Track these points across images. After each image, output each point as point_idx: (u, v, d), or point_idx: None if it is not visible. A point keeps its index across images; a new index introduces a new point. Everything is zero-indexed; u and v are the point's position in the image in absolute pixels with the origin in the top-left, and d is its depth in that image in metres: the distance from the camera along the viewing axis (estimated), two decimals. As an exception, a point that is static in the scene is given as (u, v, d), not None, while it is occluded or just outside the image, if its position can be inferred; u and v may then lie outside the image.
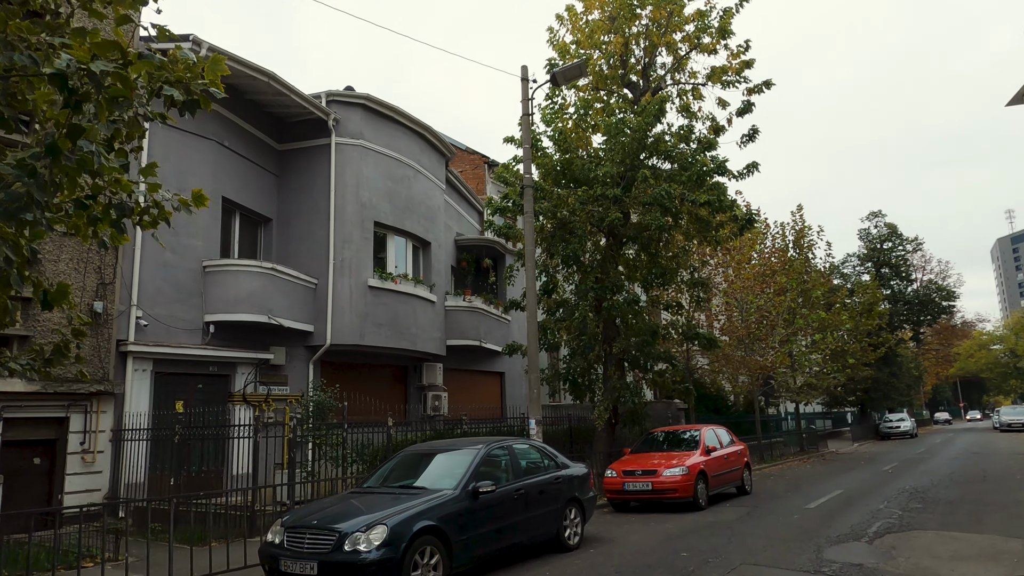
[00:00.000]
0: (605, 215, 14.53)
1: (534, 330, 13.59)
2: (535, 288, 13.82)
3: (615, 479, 13.20)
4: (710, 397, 28.06)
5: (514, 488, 8.22)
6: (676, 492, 12.59)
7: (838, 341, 28.67)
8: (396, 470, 8.50)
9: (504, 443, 8.73)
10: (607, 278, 15.27)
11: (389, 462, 8.80)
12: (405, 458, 8.71)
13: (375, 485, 8.18)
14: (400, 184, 18.79)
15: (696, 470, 12.96)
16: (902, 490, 15.13)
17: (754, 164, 16.50)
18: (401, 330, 18.05)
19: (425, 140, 20.16)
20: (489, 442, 8.54)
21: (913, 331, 55.02)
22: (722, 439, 15.09)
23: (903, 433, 44.78)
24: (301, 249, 17.24)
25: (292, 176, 17.70)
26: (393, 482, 8.16)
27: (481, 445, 8.36)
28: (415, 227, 19.28)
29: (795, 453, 30.34)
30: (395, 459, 8.79)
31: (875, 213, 50.56)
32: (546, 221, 16.06)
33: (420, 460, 8.57)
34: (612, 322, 15.75)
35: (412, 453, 8.81)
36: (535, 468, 9.01)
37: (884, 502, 13.19)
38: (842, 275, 47.27)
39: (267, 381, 15.91)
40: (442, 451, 8.53)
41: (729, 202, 14.82)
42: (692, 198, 14.31)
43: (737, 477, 15.03)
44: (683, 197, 14.48)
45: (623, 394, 14.91)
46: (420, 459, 8.58)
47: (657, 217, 14.23)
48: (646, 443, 14.84)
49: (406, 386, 19.94)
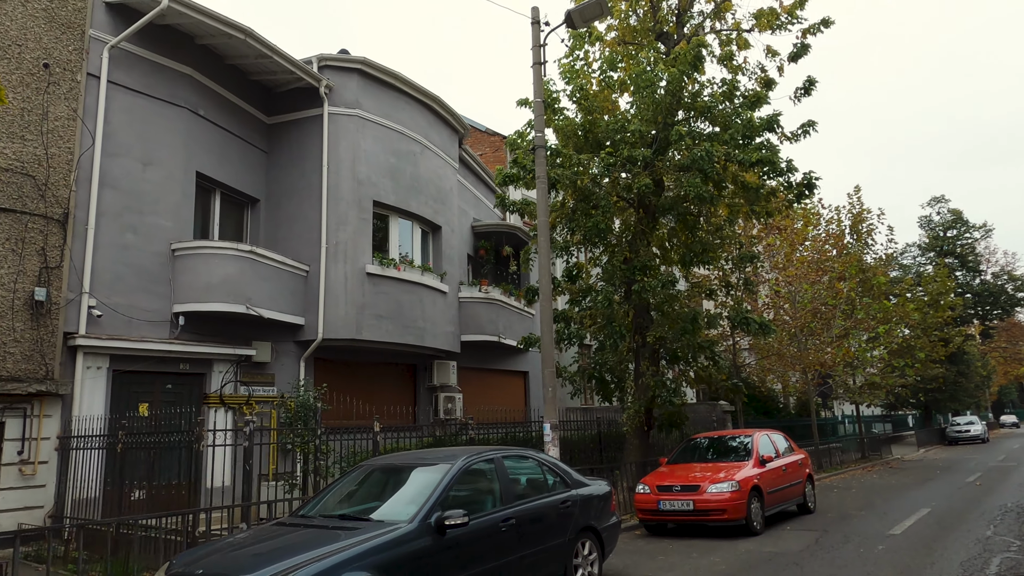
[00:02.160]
0: (633, 182, 12.21)
1: (548, 316, 11.35)
2: (549, 266, 11.59)
3: (648, 496, 10.85)
4: (759, 398, 25.31)
5: (501, 517, 5.99)
6: (724, 513, 10.18)
7: (903, 336, 25.60)
8: (345, 492, 6.35)
9: (493, 455, 6.49)
10: (637, 257, 12.93)
11: (338, 481, 6.64)
12: (360, 476, 6.54)
13: (311, 512, 6.04)
14: (404, 160, 16.75)
15: (749, 485, 10.52)
16: (1006, 509, 12.39)
17: (810, 123, 13.94)
18: (406, 323, 15.98)
19: (434, 113, 18.11)
20: (470, 455, 6.32)
21: (983, 326, 50.81)
22: (779, 447, 12.59)
23: (973, 437, 41.02)
24: (292, 233, 15.32)
25: (283, 152, 15.81)
26: (337, 508, 6.02)
27: (460, 458, 6.14)
28: (422, 209, 17.21)
29: (856, 460, 27.34)
30: (347, 477, 6.63)
31: (937, 199, 46.68)
32: (566, 194, 13.79)
33: (377, 479, 6.42)
34: (645, 309, 13.38)
35: (370, 469, 6.62)
36: (537, 489, 6.79)
37: (990, 526, 10.54)
38: (902, 266, 43.64)
39: (250, 381, 13.99)
40: (406, 467, 6.35)
41: (784, 163, 12.33)
42: (740, 158, 11.86)
43: (798, 492, 12.50)
44: (727, 158, 12.06)
45: (659, 393, 12.53)
46: (377, 477, 6.44)
47: (697, 184, 11.84)
48: (686, 452, 12.44)
49: (415, 386, 17.89)
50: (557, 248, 13.75)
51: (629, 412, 13.07)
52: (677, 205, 12.67)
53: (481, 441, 13.05)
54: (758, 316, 13.03)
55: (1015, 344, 62.21)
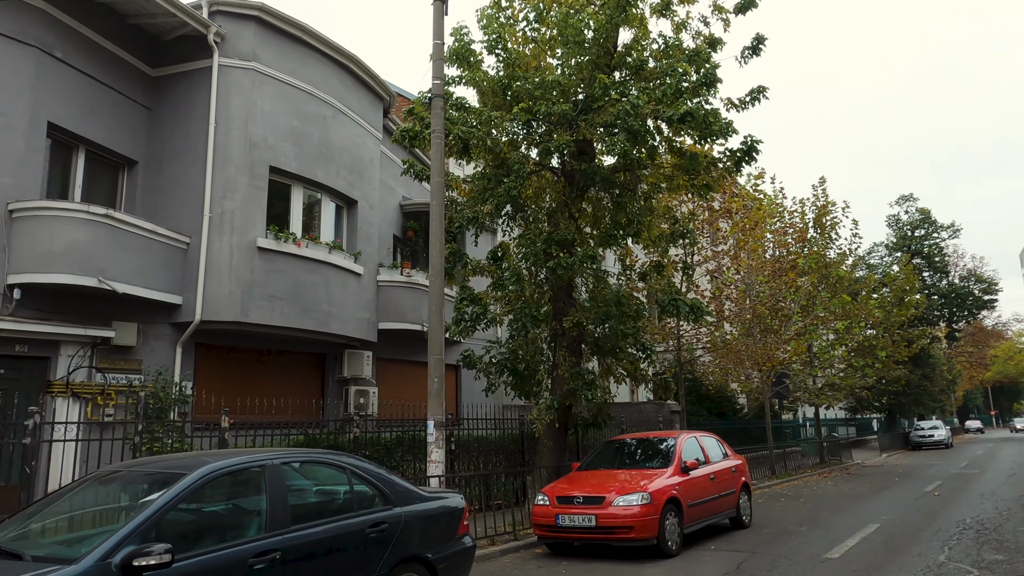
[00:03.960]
0: (551, 143, 10.52)
1: (439, 294, 9.65)
2: (441, 234, 9.88)
3: (546, 509, 9.16)
4: (713, 398, 23.81)
5: (254, 551, 4.21)
6: (631, 531, 8.52)
7: (864, 334, 24.24)
8: (50, 513, 4.54)
9: (265, 462, 4.68)
10: (556, 231, 11.27)
11: (59, 494, 4.81)
12: (79, 489, 4.72)
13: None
14: (312, 124, 14.89)
15: (664, 498, 8.88)
16: (964, 526, 10.90)
17: (760, 89, 12.35)
18: (306, 307, 14.14)
19: (352, 75, 16.26)
20: (223, 461, 4.52)
21: (949, 328, 49.99)
22: (710, 452, 10.98)
23: (937, 443, 40.08)
24: (174, 200, 13.39)
25: (167, 109, 13.87)
26: (21, 537, 4.20)
27: (199, 468, 4.32)
28: (334, 180, 15.36)
29: (814, 465, 25.99)
30: (69, 489, 4.80)
31: (906, 197, 45.70)
32: (484, 159, 12.08)
33: (96, 494, 4.63)
34: (565, 291, 11.71)
35: (96, 480, 4.79)
36: (335, 507, 5.04)
37: (945, 548, 9.00)
38: (869, 266, 42.55)
39: (110, 367, 12.04)
40: (132, 478, 4.57)
41: (722, 123, 10.71)
42: (668, 115, 10.22)
43: (730, 505, 10.90)
44: (656, 116, 10.42)
45: (576, 387, 10.85)
46: (97, 493, 4.64)
47: (622, 142, 10.19)
48: (602, 456, 10.79)
49: (324, 379, 16.02)
50: (463, 219, 12.01)
51: (539, 409, 11.41)
52: (600, 171, 10.98)
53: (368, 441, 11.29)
54: (695, 299, 11.41)
55: (981, 349, 61.92)
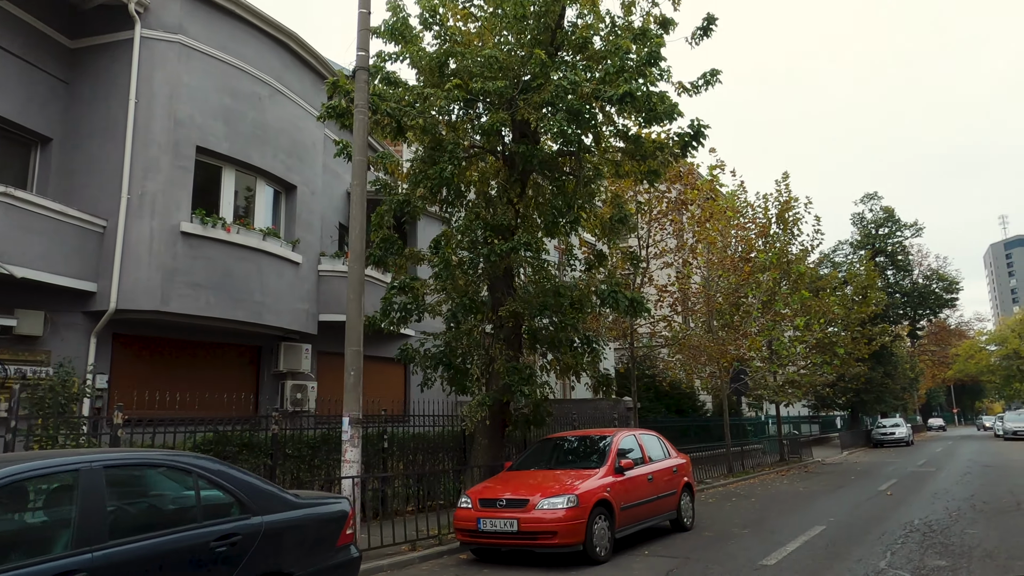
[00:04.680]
0: (485, 123, 9.88)
1: (358, 280, 9.01)
2: (362, 217, 9.22)
3: (468, 512, 8.54)
4: (672, 395, 23.40)
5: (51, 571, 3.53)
6: (555, 537, 7.94)
7: (824, 330, 23.99)
8: None
9: (79, 465, 3.96)
10: (494, 216, 10.65)
11: None
12: None
13: None
14: (246, 104, 14.08)
15: (593, 500, 8.31)
16: (911, 528, 10.51)
17: (713, 72, 11.82)
18: (237, 296, 13.36)
19: (292, 54, 15.47)
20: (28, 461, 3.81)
21: (911, 326, 50.33)
22: (649, 451, 10.45)
23: (898, 440, 40.30)
24: (91, 180, 12.53)
25: (86, 84, 12.97)
26: None
27: None
28: (270, 163, 14.56)
29: (773, 463, 25.75)
30: None
31: (870, 195, 45.78)
32: (418, 139, 11.41)
33: None
34: (505, 280, 11.08)
35: None
36: (172, 517, 4.34)
37: (887, 553, 8.57)
38: (834, 264, 42.59)
39: (11, 358, 11.18)
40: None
41: (669, 105, 10.15)
42: (608, 95, 9.63)
43: (669, 506, 10.37)
44: (596, 96, 9.83)
45: (511, 382, 10.23)
46: None
47: (560, 123, 9.58)
48: (536, 455, 10.20)
49: (258, 373, 15.22)
50: (393, 203, 11.31)
51: (471, 405, 10.78)
52: (539, 154, 10.35)
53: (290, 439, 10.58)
54: (634, 293, 10.85)
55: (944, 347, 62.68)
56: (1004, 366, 55.59)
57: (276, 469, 10.13)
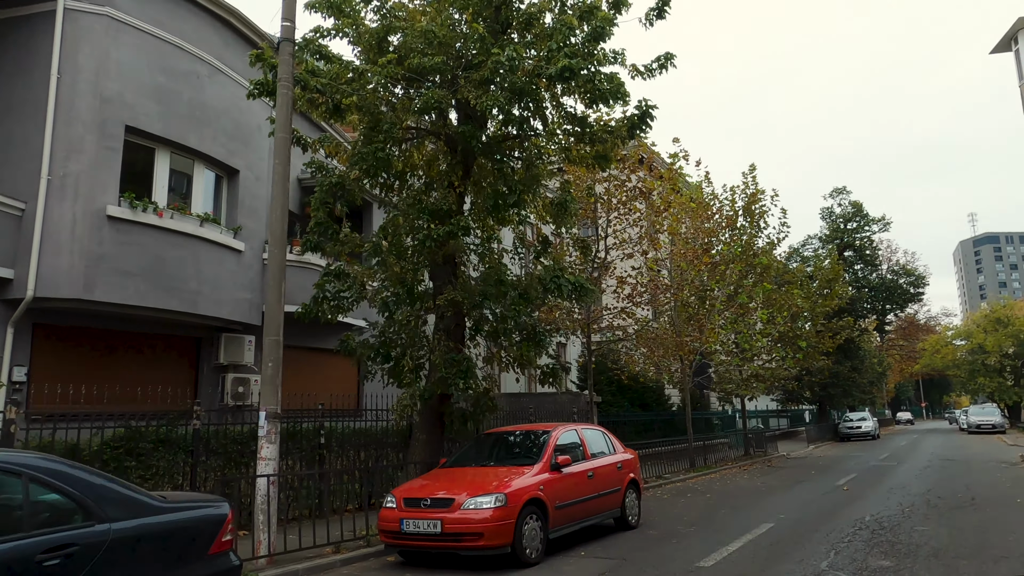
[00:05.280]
0: (421, 103, 9.33)
1: (277, 265, 8.47)
2: (284, 198, 8.70)
3: (392, 512, 8.06)
4: (636, 389, 23.07)
5: None
6: (481, 539, 7.48)
7: (787, 323, 23.78)
8: None
9: None
10: (429, 199, 10.15)
11: None
12: None
13: None
14: (182, 82, 13.39)
15: (523, 499, 7.86)
16: (861, 525, 10.22)
17: (668, 56, 11.36)
18: (170, 285, 12.71)
19: (234, 31, 14.79)
20: None
21: (878, 321, 50.66)
22: (592, 446, 10.04)
23: (864, 434, 40.54)
24: (8, 160, 11.81)
25: (4, 58, 12.24)
26: None
27: None
28: (209, 146, 13.90)
29: (738, 457, 25.58)
30: None
31: (839, 190, 45.94)
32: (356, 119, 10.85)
33: None
34: (448, 268, 10.57)
35: None
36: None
37: (831, 553, 8.23)
38: (803, 258, 42.64)
39: (-84, 350, 10.47)
40: None
41: (616, 84, 9.68)
42: (548, 72, 9.15)
43: (612, 504, 9.97)
44: (538, 73, 9.33)
45: (448, 375, 9.74)
46: None
47: (498, 99, 9.08)
48: (473, 451, 9.74)
49: (197, 366, 14.56)
50: (326, 185, 10.74)
51: (403, 399, 10.30)
52: (477, 134, 9.82)
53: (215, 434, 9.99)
54: (580, 277, 10.40)
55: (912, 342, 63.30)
56: (969, 360, 56.30)
57: (197, 467, 9.55)
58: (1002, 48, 26.65)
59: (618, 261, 18.75)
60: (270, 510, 7.80)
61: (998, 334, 52.23)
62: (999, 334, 52.14)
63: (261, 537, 7.75)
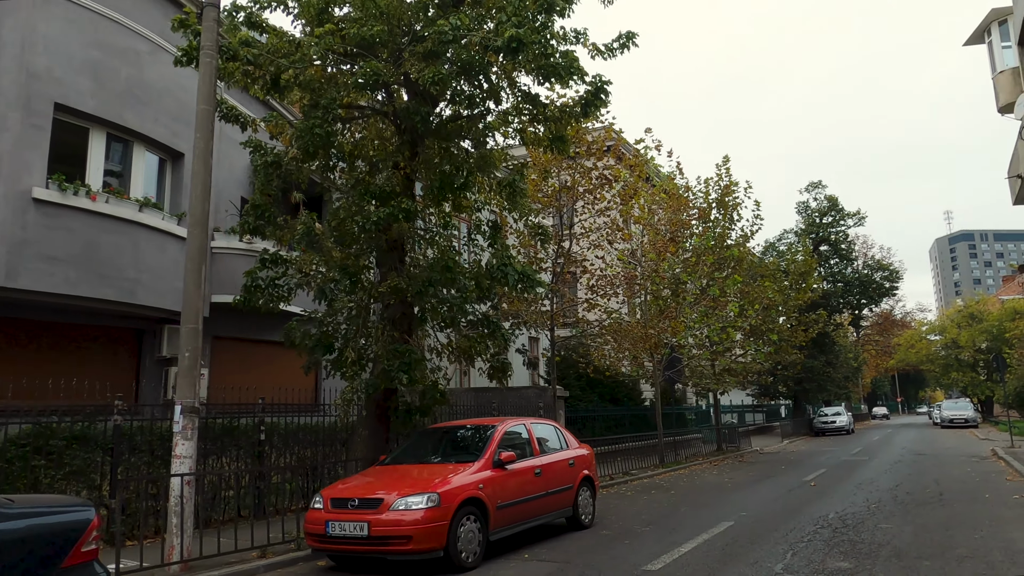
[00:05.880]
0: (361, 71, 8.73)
1: (196, 248, 7.88)
2: (206, 176, 8.10)
3: (318, 514, 7.50)
4: (606, 383, 22.60)
5: None
6: (409, 542, 6.93)
7: (759, 316, 23.43)
8: None
9: None
10: (372, 182, 9.57)
11: None
12: None
13: None
14: (120, 59, 12.68)
15: (458, 499, 7.32)
16: (823, 523, 9.81)
17: (630, 35, 10.82)
18: (105, 273, 12.03)
19: (177, 6, 14.02)
20: None
21: (853, 315, 50.74)
22: (542, 442, 9.54)
23: (839, 429, 40.48)
24: (-72, 139, 11.01)
25: (-74, 29, 11.39)
26: None
27: None
28: (151, 127, 13.20)
29: (709, 453, 25.26)
30: None
31: (815, 184, 45.87)
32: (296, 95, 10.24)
33: None
34: (393, 254, 9.99)
35: None
36: None
37: (788, 554, 7.79)
38: (778, 252, 42.49)
39: None
40: None
41: (569, 59, 9.14)
42: (496, 44, 8.60)
43: (564, 502, 9.46)
44: (487, 45, 8.77)
45: (391, 367, 9.16)
46: None
47: (440, 71, 8.51)
48: (414, 448, 9.18)
49: (139, 359, 13.86)
50: (260, 165, 10.12)
51: (343, 393, 9.71)
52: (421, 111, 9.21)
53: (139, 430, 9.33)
54: (526, 265, 9.86)
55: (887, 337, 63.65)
56: (943, 355, 56.68)
57: (118, 467, 8.89)
58: (975, 40, 26.41)
59: (585, 252, 18.25)
60: (184, 512, 7.18)
61: (971, 329, 52.62)
62: (972, 329, 52.52)
63: (174, 542, 7.14)
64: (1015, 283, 66.52)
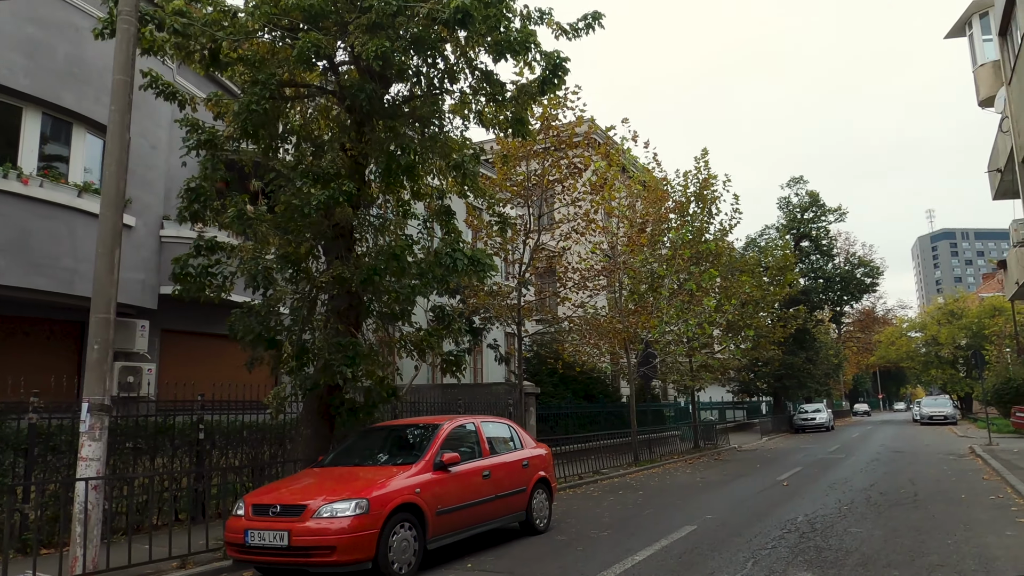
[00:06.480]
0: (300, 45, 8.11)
1: (109, 232, 7.25)
2: (120, 154, 7.47)
3: (239, 522, 6.90)
4: (580, 380, 22.09)
5: None
6: (333, 554, 6.35)
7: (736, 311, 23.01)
8: None
9: None
10: (316, 164, 8.95)
11: None
12: None
13: None
14: (58, 36, 11.99)
15: (392, 504, 6.75)
16: (792, 527, 9.34)
17: (596, 16, 10.23)
18: (38, 261, 11.36)
19: (125, -18, 13.26)
20: None
21: (833, 312, 50.59)
22: (493, 442, 8.98)
23: (818, 426, 40.30)
24: None
25: None
26: None
27: None
28: (91, 107, 12.52)
29: (687, 450, 24.84)
30: None
31: (796, 179, 45.56)
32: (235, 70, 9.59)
33: None
34: (340, 242, 9.36)
35: None
36: None
37: (749, 562, 7.30)
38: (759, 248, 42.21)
39: None
40: None
41: (522, 33, 8.55)
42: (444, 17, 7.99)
43: (516, 506, 8.91)
44: (435, 18, 8.17)
45: (333, 361, 8.54)
46: None
47: (383, 48, 7.91)
48: (354, 449, 8.59)
49: (80, 353, 13.14)
50: (193, 144, 9.46)
51: (276, 390, 9.10)
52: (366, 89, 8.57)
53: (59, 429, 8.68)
54: (479, 252, 9.28)
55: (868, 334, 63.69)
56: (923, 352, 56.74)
57: (33, 469, 8.23)
58: (956, 33, 26.16)
59: (558, 244, 17.70)
60: (88, 520, 6.55)
61: (951, 326, 52.66)
62: (952, 326, 52.56)
63: (78, 552, 6.51)
64: (994, 280, 66.75)
